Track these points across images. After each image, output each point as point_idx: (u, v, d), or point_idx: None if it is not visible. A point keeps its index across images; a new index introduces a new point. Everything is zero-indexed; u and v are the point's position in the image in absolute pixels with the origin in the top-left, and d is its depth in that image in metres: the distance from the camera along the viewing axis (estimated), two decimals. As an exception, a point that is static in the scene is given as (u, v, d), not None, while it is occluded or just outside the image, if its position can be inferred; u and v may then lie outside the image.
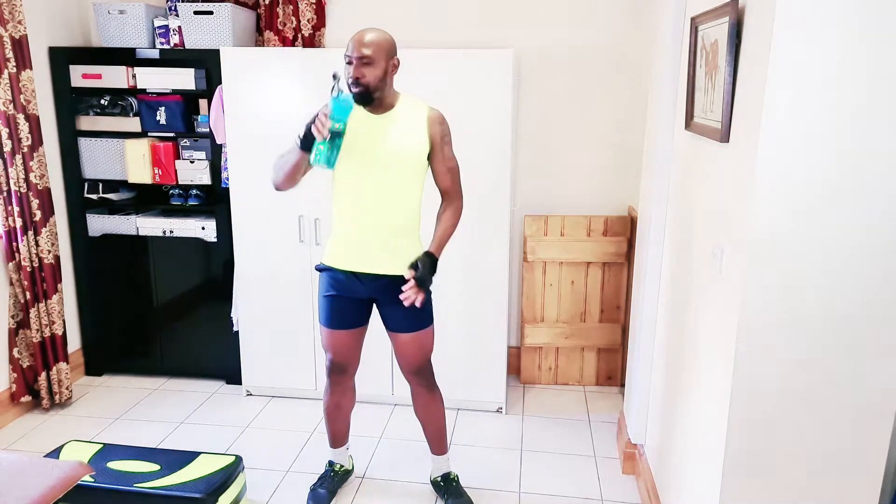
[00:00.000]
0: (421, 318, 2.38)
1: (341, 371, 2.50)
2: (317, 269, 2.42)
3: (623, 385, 3.53)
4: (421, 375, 2.47)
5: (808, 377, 1.61)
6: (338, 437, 2.66)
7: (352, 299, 2.38)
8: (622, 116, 3.44)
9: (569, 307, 3.55)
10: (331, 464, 2.68)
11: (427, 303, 2.37)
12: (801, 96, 1.48)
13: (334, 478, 2.65)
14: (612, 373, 3.62)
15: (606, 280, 3.51)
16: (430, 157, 2.31)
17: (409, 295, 2.21)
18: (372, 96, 2.20)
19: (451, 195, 2.37)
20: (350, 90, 2.19)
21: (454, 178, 2.35)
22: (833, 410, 1.62)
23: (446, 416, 2.61)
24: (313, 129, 2.13)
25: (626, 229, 3.44)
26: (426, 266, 2.24)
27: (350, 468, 2.76)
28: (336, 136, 2.15)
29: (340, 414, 2.60)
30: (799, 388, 1.62)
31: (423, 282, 2.24)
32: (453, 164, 2.34)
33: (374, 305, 2.42)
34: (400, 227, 2.31)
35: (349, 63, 2.17)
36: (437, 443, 2.61)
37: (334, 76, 2.13)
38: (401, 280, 2.27)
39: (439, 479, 2.63)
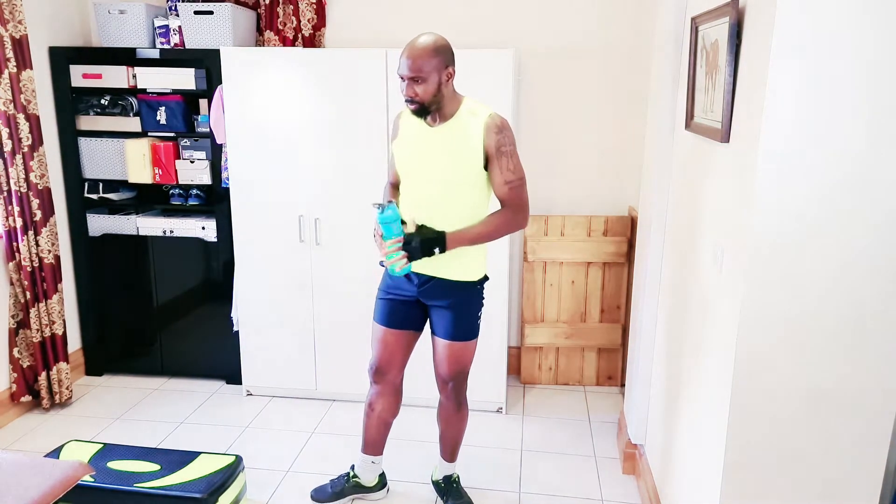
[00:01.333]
0: (466, 329, 2.34)
1: (380, 374, 2.46)
2: (381, 264, 2.34)
3: (623, 385, 3.52)
4: (452, 388, 2.43)
5: (809, 377, 1.61)
6: (368, 442, 2.58)
7: (404, 301, 2.36)
8: (622, 116, 3.44)
9: (569, 307, 3.55)
10: (351, 468, 2.64)
11: (475, 316, 2.36)
12: (802, 96, 1.48)
13: (346, 483, 2.61)
14: (613, 373, 3.62)
15: (607, 280, 3.51)
16: (488, 167, 2.20)
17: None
18: (428, 110, 2.15)
19: (509, 206, 2.23)
20: (409, 109, 2.17)
21: (512, 192, 2.20)
22: (833, 410, 1.62)
23: (466, 430, 2.58)
24: (379, 251, 2.19)
25: (626, 229, 3.44)
26: (420, 237, 2.16)
27: (367, 485, 2.61)
28: (400, 244, 2.18)
29: (373, 415, 2.54)
30: (799, 389, 1.62)
31: (409, 244, 2.15)
32: (512, 178, 2.18)
33: (428, 309, 2.38)
34: (454, 217, 2.23)
35: (402, 80, 2.11)
36: (450, 452, 2.59)
37: (374, 205, 2.20)
38: (454, 283, 2.27)
39: (441, 480, 2.63)
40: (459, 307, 2.31)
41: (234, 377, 3.52)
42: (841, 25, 1.43)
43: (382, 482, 2.66)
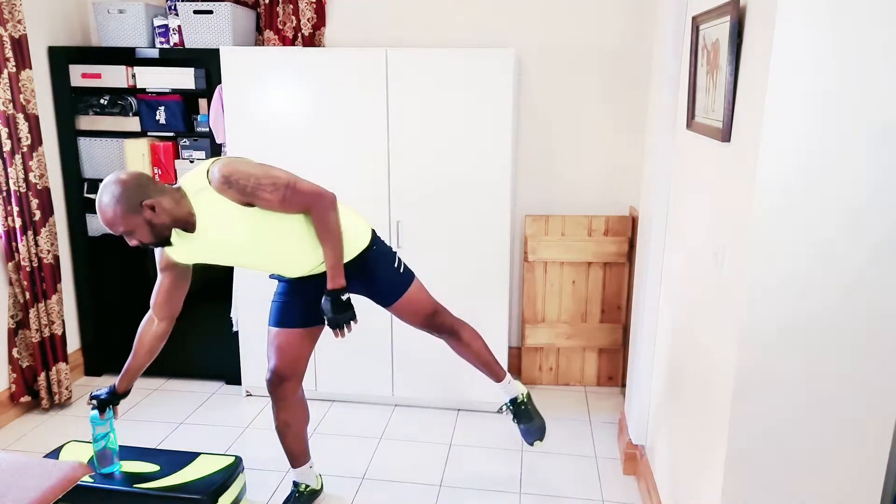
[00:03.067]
0: (396, 284, 2.32)
1: (280, 382, 2.33)
2: (271, 276, 2.36)
3: (624, 385, 3.52)
4: (434, 328, 2.41)
5: (809, 377, 1.61)
6: (295, 456, 2.50)
7: (304, 298, 2.29)
8: (623, 116, 3.44)
9: (569, 307, 3.54)
10: (295, 485, 2.56)
11: (391, 269, 2.31)
12: (803, 95, 1.47)
13: (300, 499, 2.54)
14: (613, 373, 3.61)
15: (607, 280, 3.50)
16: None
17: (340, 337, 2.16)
18: (165, 239, 2.02)
19: (308, 210, 2.09)
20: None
21: (293, 200, 2.04)
22: (834, 411, 1.62)
23: (486, 345, 2.50)
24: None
25: (627, 229, 3.44)
26: (329, 309, 2.11)
27: (318, 487, 2.61)
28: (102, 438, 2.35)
29: (290, 431, 2.44)
30: (800, 389, 1.62)
31: (337, 324, 2.12)
32: (280, 194, 2.01)
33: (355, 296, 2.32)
34: (297, 255, 2.18)
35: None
36: (489, 372, 2.52)
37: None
38: (350, 262, 2.22)
39: (507, 403, 2.56)
40: (374, 273, 2.29)
41: (233, 378, 3.51)
42: (842, 25, 1.43)
43: (320, 477, 2.66)
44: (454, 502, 2.62)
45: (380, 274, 2.30)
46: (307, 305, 2.28)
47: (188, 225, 2.03)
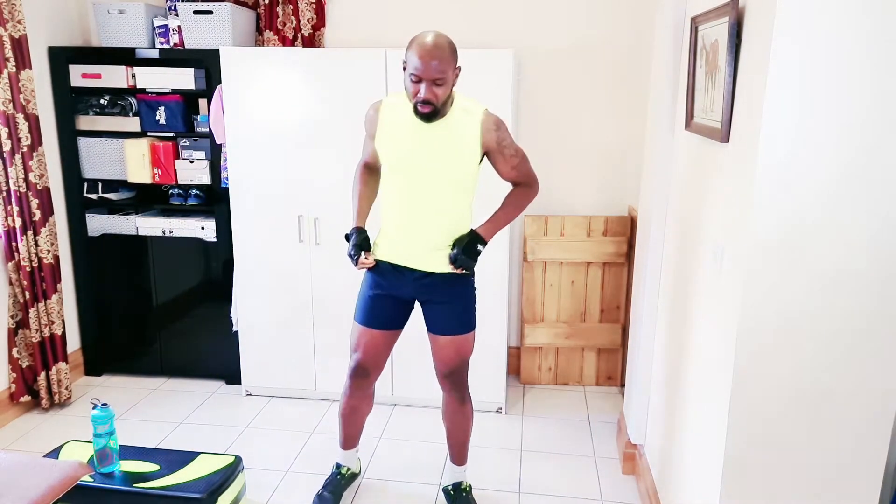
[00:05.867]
0: (464, 322, 2.34)
1: (364, 375, 2.43)
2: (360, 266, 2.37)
3: (623, 385, 3.52)
4: (454, 381, 2.41)
5: (809, 377, 1.61)
6: (350, 438, 2.61)
7: (395, 298, 2.34)
8: (622, 116, 3.44)
9: (569, 307, 3.55)
10: (338, 466, 2.64)
11: (470, 308, 2.35)
12: (802, 96, 1.48)
13: (341, 481, 2.61)
14: (612, 373, 3.62)
15: (606, 280, 3.51)
16: (488, 159, 2.25)
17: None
18: (438, 114, 2.12)
19: (522, 183, 2.32)
20: (416, 110, 2.10)
21: (521, 171, 2.29)
22: (833, 410, 1.62)
23: (472, 428, 2.56)
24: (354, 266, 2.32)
25: (626, 229, 3.44)
26: (462, 245, 2.22)
27: (358, 471, 2.73)
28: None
29: (356, 417, 2.55)
30: (799, 388, 1.62)
31: (456, 260, 2.22)
32: (517, 161, 2.27)
33: (420, 306, 2.38)
34: (449, 230, 2.26)
35: (416, 81, 2.05)
36: (458, 453, 2.57)
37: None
38: (449, 278, 2.27)
39: (450, 487, 2.59)
40: (457, 301, 2.32)
41: (233, 377, 3.51)
42: (841, 25, 1.43)
43: (360, 461, 2.77)
44: (454, 502, 2.62)
45: (462, 303, 2.33)
46: (396, 308, 2.36)
47: (440, 113, 2.13)
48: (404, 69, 2.10)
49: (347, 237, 2.31)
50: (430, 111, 2.09)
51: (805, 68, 1.46)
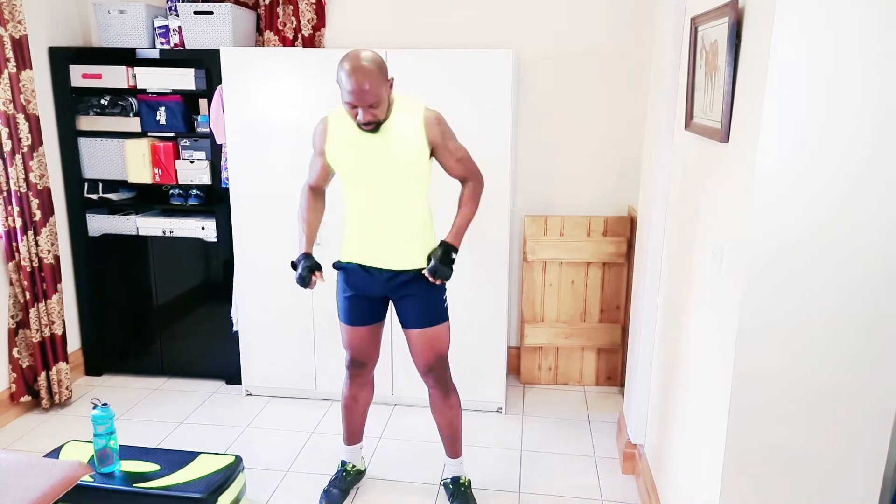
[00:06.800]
0: (434, 314, 2.38)
1: (360, 365, 2.53)
2: (334, 266, 2.43)
3: (623, 385, 3.53)
4: (435, 375, 2.45)
5: (808, 377, 1.61)
6: (353, 433, 2.66)
7: (368, 297, 2.41)
8: (622, 116, 3.44)
9: (569, 307, 3.55)
10: (343, 463, 2.68)
11: (440, 300, 2.39)
12: (801, 96, 1.48)
13: (346, 478, 2.65)
14: (612, 373, 3.62)
15: (606, 280, 3.51)
16: (434, 155, 2.31)
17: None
18: (381, 124, 2.19)
19: (468, 179, 2.38)
20: (361, 128, 2.17)
21: (466, 166, 2.35)
22: (833, 410, 1.62)
23: (462, 419, 2.59)
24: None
25: (625, 229, 3.44)
26: (437, 257, 2.29)
27: (363, 469, 2.76)
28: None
29: (357, 406, 2.61)
30: (799, 388, 1.62)
31: (436, 272, 2.28)
32: (461, 154, 2.33)
33: (391, 302, 2.45)
34: (410, 227, 2.32)
35: (353, 107, 2.10)
36: (451, 446, 2.60)
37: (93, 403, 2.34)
38: (417, 275, 2.32)
39: (449, 481, 2.62)
40: (425, 294, 2.36)
41: (233, 377, 3.52)
42: (841, 25, 1.44)
43: (364, 460, 2.82)
44: (454, 502, 2.62)
45: (431, 296, 2.38)
46: (371, 306, 2.43)
47: (382, 123, 2.18)
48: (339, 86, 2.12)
49: (294, 265, 2.37)
50: (373, 127, 2.17)
51: (805, 68, 1.46)
